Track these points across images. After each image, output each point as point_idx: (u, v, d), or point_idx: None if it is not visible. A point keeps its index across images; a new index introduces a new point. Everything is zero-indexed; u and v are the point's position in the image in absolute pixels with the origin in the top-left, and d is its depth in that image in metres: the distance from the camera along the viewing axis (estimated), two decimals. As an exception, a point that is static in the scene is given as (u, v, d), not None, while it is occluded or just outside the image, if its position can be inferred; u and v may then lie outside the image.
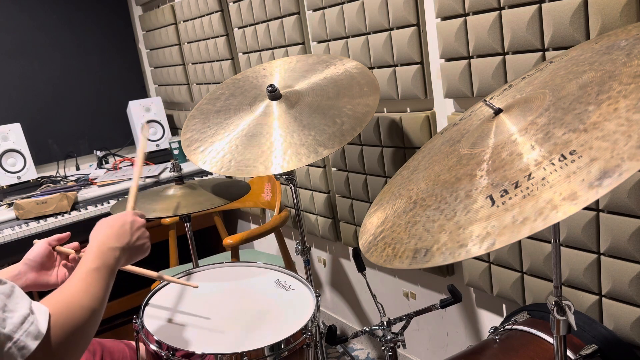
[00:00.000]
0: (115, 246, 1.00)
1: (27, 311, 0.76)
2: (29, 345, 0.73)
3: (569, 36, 1.22)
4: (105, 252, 0.98)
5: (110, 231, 1.02)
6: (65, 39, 3.19)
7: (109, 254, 0.98)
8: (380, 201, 1.04)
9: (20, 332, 0.73)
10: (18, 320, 0.74)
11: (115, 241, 1.01)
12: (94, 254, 0.97)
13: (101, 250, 0.98)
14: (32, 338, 0.74)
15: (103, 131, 3.33)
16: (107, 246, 0.99)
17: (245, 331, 1.18)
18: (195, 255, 1.79)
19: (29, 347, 0.73)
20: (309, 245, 1.92)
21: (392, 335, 1.22)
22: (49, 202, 2.39)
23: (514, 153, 0.75)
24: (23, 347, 0.73)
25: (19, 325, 0.73)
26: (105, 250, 0.98)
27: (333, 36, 1.89)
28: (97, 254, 0.97)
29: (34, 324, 0.75)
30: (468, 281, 1.65)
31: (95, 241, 1.00)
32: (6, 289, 0.76)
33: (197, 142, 1.55)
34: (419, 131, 1.67)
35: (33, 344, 0.74)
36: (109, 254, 0.98)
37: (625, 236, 1.21)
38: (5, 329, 0.72)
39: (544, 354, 1.18)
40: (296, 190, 1.62)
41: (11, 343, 0.72)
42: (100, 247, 0.98)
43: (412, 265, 0.76)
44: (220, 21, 2.50)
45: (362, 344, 2.39)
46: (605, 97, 0.70)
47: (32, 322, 0.75)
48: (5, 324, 0.72)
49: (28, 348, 0.73)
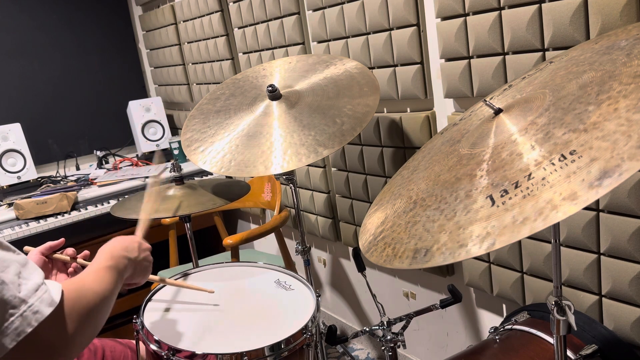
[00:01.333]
0: (126, 255, 1.06)
1: (41, 281, 0.79)
2: (42, 310, 0.76)
3: (569, 36, 1.22)
4: (117, 257, 1.03)
5: (121, 243, 1.08)
6: (65, 39, 3.19)
7: (120, 260, 1.03)
8: (380, 201, 1.04)
9: (34, 297, 0.76)
10: (32, 286, 0.77)
11: (125, 252, 1.07)
12: (108, 255, 1.02)
13: (114, 254, 1.03)
14: (46, 304, 0.77)
15: (103, 131, 3.33)
16: (119, 253, 1.05)
17: (245, 331, 1.18)
18: (195, 255, 1.79)
19: (43, 312, 0.76)
20: (309, 245, 1.92)
21: (392, 335, 1.22)
22: (49, 202, 2.39)
23: (514, 153, 0.75)
24: (37, 312, 0.75)
25: (33, 291, 0.76)
26: (117, 256, 1.04)
27: (333, 36, 1.89)
28: (110, 256, 1.02)
29: (47, 292, 0.78)
30: (468, 281, 1.65)
31: (108, 248, 1.06)
32: (21, 259, 0.79)
33: (197, 142, 1.55)
34: (419, 131, 1.67)
35: (47, 310, 0.76)
36: (120, 260, 1.03)
37: (625, 236, 1.21)
38: (21, 292, 0.75)
39: (544, 354, 1.18)
40: (296, 190, 1.62)
41: (26, 306, 0.74)
42: (113, 252, 1.04)
43: (412, 265, 0.76)
44: (220, 21, 2.50)
45: (362, 344, 2.39)
46: (605, 97, 0.70)
47: (45, 291, 0.78)
48: (21, 288, 0.75)
49: (42, 313, 0.75)
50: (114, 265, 1.00)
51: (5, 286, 0.73)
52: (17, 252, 0.79)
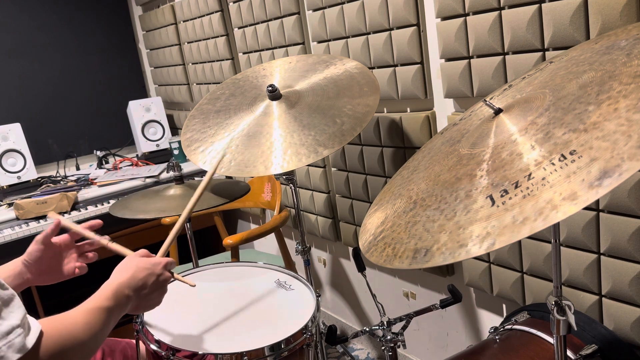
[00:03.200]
0: (132, 295, 0.99)
1: (18, 322, 0.75)
2: (8, 357, 0.73)
3: (569, 36, 1.22)
4: (120, 296, 0.97)
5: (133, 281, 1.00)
6: (65, 39, 3.19)
7: (122, 300, 0.97)
8: (380, 201, 1.04)
9: (3, 341, 0.73)
10: (5, 329, 0.73)
11: (133, 291, 1.00)
12: (111, 293, 0.96)
13: (118, 293, 0.97)
14: (14, 350, 0.73)
15: (103, 131, 3.33)
16: (124, 293, 0.98)
17: (245, 331, 1.18)
18: (195, 255, 1.79)
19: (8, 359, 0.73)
20: (309, 245, 1.92)
21: (392, 335, 1.22)
22: (49, 202, 2.39)
23: (514, 153, 0.75)
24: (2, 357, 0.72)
25: (4, 335, 0.73)
26: (120, 296, 0.97)
27: (333, 36, 1.89)
28: (112, 294, 0.96)
29: (20, 337, 0.74)
30: (468, 281, 1.65)
31: (116, 282, 0.98)
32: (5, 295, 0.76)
33: (197, 142, 1.55)
34: (419, 131, 1.67)
35: (13, 357, 0.73)
36: (123, 299, 0.97)
37: (625, 236, 1.21)
38: None
39: (544, 354, 1.18)
40: (296, 190, 1.62)
41: None
42: (118, 290, 0.97)
43: (412, 265, 0.76)
44: (220, 21, 2.50)
45: (362, 344, 2.39)
46: (605, 97, 0.70)
47: (18, 335, 0.74)
48: None
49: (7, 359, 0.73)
50: (113, 306, 0.94)
51: None
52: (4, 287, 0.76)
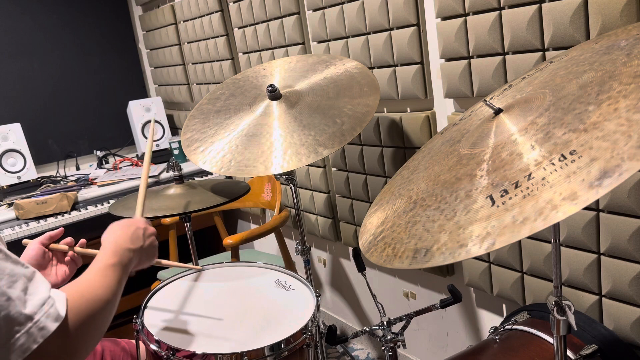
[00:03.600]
0: (130, 248, 1.02)
1: (47, 294, 0.78)
2: (48, 327, 0.75)
3: (569, 36, 1.22)
4: (121, 251, 1.00)
5: (125, 233, 1.05)
6: (65, 39, 3.19)
7: (124, 254, 1.00)
8: (380, 201, 1.04)
9: (40, 313, 0.75)
10: (39, 302, 0.76)
11: (130, 243, 1.03)
12: (111, 251, 0.99)
13: (117, 249, 1.00)
14: (52, 320, 0.76)
15: (103, 131, 3.33)
16: (123, 247, 1.01)
17: (245, 331, 1.18)
18: (195, 255, 1.79)
19: (49, 328, 0.75)
20: (309, 245, 1.92)
21: (392, 335, 1.22)
22: (49, 202, 2.39)
23: (514, 153, 0.75)
24: (43, 328, 0.75)
25: (39, 306, 0.76)
26: (120, 250, 1.00)
27: (333, 36, 1.89)
28: (113, 252, 0.99)
29: (53, 307, 0.77)
30: (468, 281, 1.65)
31: (111, 241, 1.02)
32: (28, 272, 0.78)
33: (197, 142, 1.55)
34: (419, 131, 1.67)
35: (53, 326, 0.76)
36: (124, 253, 1.00)
37: (625, 236, 1.21)
38: (27, 309, 0.74)
39: (544, 354, 1.18)
40: (296, 190, 1.62)
41: (32, 323, 0.74)
42: (117, 246, 1.01)
43: (412, 265, 0.76)
44: (220, 21, 2.50)
45: (362, 344, 2.39)
46: (605, 97, 0.70)
47: (52, 305, 0.77)
48: (27, 305, 0.75)
49: (47, 329, 0.75)
50: (118, 261, 0.97)
51: (11, 302, 0.73)
52: (25, 266, 0.79)
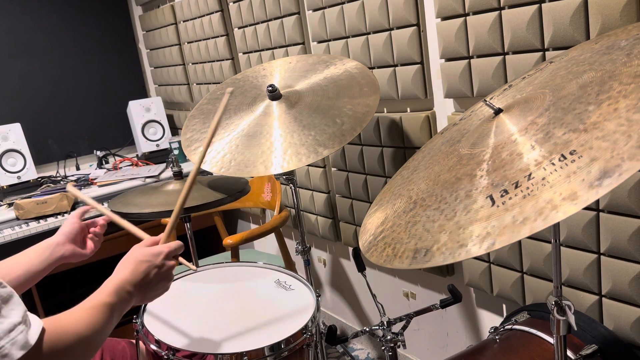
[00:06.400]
0: (133, 291, 0.98)
1: (19, 319, 0.75)
2: (12, 354, 0.72)
3: (569, 36, 1.22)
4: (122, 293, 0.96)
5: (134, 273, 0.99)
6: (65, 39, 3.19)
7: (124, 296, 0.96)
8: (380, 201, 1.04)
9: (6, 339, 0.72)
10: (7, 327, 0.73)
11: (135, 286, 0.98)
12: (112, 289, 0.95)
13: (119, 290, 0.96)
14: (18, 347, 0.73)
15: (103, 131, 3.33)
16: (126, 289, 0.97)
17: (245, 331, 1.18)
18: (195, 255, 1.79)
19: (12, 356, 0.72)
20: (309, 245, 1.92)
21: (392, 335, 1.22)
22: (49, 202, 2.39)
23: (514, 153, 0.75)
24: (6, 355, 0.71)
25: (6, 332, 0.72)
26: (122, 292, 0.96)
27: (333, 36, 1.89)
28: (114, 291, 0.95)
29: (22, 334, 0.74)
30: (468, 281, 1.65)
31: (117, 278, 0.97)
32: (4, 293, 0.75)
33: (197, 142, 1.55)
34: (419, 131, 1.67)
35: (17, 354, 0.72)
36: (125, 295, 0.96)
37: (625, 236, 1.21)
38: None
39: (544, 354, 1.18)
40: (296, 190, 1.62)
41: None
42: (119, 287, 0.96)
43: (412, 265, 0.76)
44: (220, 21, 2.50)
45: (362, 344, 2.39)
46: (606, 97, 0.70)
47: (21, 331, 0.74)
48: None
49: (11, 357, 0.72)
50: (115, 302, 0.93)
51: None
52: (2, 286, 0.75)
